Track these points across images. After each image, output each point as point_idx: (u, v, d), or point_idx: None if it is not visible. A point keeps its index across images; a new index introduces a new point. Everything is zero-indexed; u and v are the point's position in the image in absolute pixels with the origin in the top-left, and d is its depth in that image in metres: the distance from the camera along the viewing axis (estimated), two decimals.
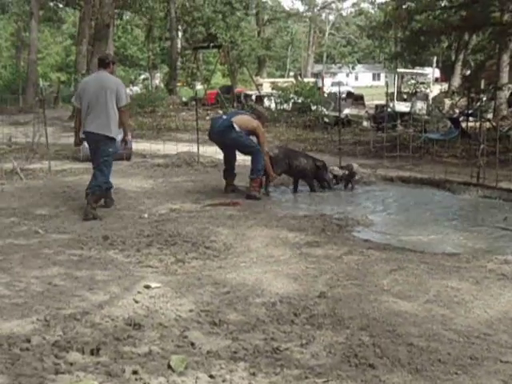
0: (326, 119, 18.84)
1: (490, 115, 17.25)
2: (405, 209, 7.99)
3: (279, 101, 22.22)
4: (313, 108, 20.39)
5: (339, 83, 22.66)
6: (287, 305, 4.09)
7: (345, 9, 70.82)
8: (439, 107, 19.50)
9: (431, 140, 13.05)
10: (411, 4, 20.36)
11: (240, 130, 8.28)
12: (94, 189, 7.00)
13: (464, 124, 14.84)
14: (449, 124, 15.27)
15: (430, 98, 22.30)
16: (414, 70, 29.62)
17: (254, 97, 25.59)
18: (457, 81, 28.65)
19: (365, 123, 19.40)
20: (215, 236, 5.94)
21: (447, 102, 21.41)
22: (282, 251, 5.45)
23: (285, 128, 17.76)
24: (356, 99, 24.89)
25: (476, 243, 6.14)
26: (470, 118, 15.02)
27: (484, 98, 17.72)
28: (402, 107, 20.70)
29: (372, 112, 21.05)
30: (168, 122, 19.26)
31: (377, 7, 48.07)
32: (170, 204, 7.63)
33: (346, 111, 20.41)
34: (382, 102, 22.23)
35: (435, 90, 26.01)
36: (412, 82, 25.17)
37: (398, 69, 29.99)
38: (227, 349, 3.41)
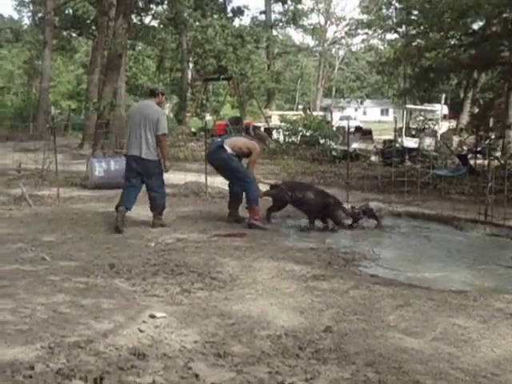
0: (334, 153, 18.90)
1: (499, 153, 17.26)
2: (412, 245, 7.95)
3: (288, 133, 22.35)
4: (321, 141, 20.48)
5: (348, 117, 22.79)
6: (292, 338, 4.06)
7: (354, 44, 71.28)
8: (447, 144, 19.53)
9: (439, 176, 13.05)
10: (421, 41, 20.53)
11: (232, 152, 8.37)
12: (158, 209, 8.08)
13: (472, 161, 14.85)
14: (457, 161, 15.29)
15: (439, 135, 22.34)
16: (423, 107, 29.76)
17: (263, 129, 25.72)
18: (465, 118, 28.78)
19: (373, 158, 19.43)
20: (221, 267, 5.93)
21: (455, 139, 21.46)
22: (288, 284, 5.43)
23: (293, 160, 17.82)
24: (364, 134, 24.92)
25: (483, 281, 6.10)
26: (479, 156, 15.04)
27: (492, 136, 17.75)
28: (411, 143, 20.75)
29: (380, 147, 21.10)
30: (176, 152, 19.36)
31: (386, 44, 48.50)
32: (177, 234, 7.63)
33: (355, 145, 20.47)
34: (391, 137, 22.30)
35: (443, 127, 26.07)
36: (420, 118, 25.28)
37: (407, 105, 30.13)
38: (231, 381, 3.38)
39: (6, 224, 8.02)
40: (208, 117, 33.39)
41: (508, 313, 4.77)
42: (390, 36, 43.78)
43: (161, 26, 38.19)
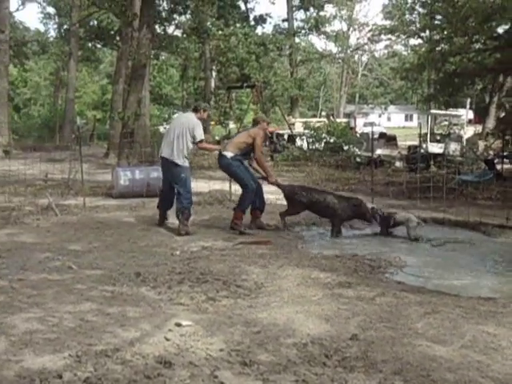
0: (359, 159, 18.83)
1: None
2: (439, 251, 7.86)
3: (311, 140, 22.33)
4: (345, 148, 20.42)
5: (372, 123, 22.69)
6: (319, 346, 4.03)
7: (378, 50, 71.03)
8: (473, 149, 19.34)
9: (465, 182, 12.92)
10: (445, 46, 20.38)
11: (234, 155, 8.47)
12: (181, 210, 8.27)
13: (499, 166, 14.67)
14: (483, 166, 15.13)
15: (464, 140, 22.14)
16: (448, 112, 29.52)
17: (286, 136, 25.74)
18: (491, 123, 28.42)
19: (397, 164, 19.33)
20: (246, 275, 5.93)
21: (481, 144, 21.23)
22: (314, 291, 5.40)
23: (317, 167, 17.78)
24: (389, 140, 24.83)
25: None
26: (505, 160, 14.86)
27: None
28: (435, 148, 20.60)
29: (405, 153, 20.97)
30: (200, 160, 19.45)
31: (410, 49, 48.23)
32: (202, 242, 7.65)
33: (379, 151, 20.38)
34: (415, 143, 22.15)
35: (469, 132, 25.84)
36: (445, 124, 25.08)
37: (432, 110, 29.94)
38: None
39: (34, 233, 8.11)
40: (231, 125, 33.52)
41: None
42: (414, 41, 43.55)
43: (184, 36, 38.48)
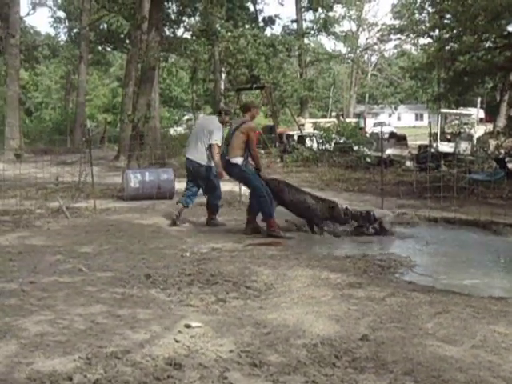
0: (368, 159, 18.78)
1: None
2: (449, 251, 7.83)
3: (321, 141, 22.30)
4: (355, 148, 20.38)
5: (381, 123, 22.64)
6: (329, 347, 4.02)
7: (387, 50, 70.82)
8: (484, 148, 19.24)
9: (476, 181, 12.85)
10: (454, 45, 20.33)
11: (242, 160, 8.33)
12: (212, 209, 9.14)
13: (510, 165, 14.58)
14: (494, 165, 15.04)
15: (475, 139, 22.03)
16: (458, 111, 29.39)
17: (296, 137, 25.72)
18: (502, 121, 28.28)
19: (408, 163, 19.25)
20: (256, 276, 5.93)
21: (492, 143, 21.11)
22: (324, 292, 5.39)
23: (327, 168, 17.76)
24: (399, 139, 24.72)
25: None
26: None
27: None
28: (446, 147, 20.50)
29: (415, 152, 20.90)
30: None
31: (419, 48, 48.04)
32: (212, 243, 7.66)
33: (389, 151, 20.32)
34: (425, 143, 22.06)
35: (480, 131, 25.71)
36: (456, 123, 24.96)
37: (442, 109, 29.80)
38: None
39: (45, 236, 8.16)
40: None
41: None
42: (423, 40, 43.33)
43: (193, 38, 38.57)
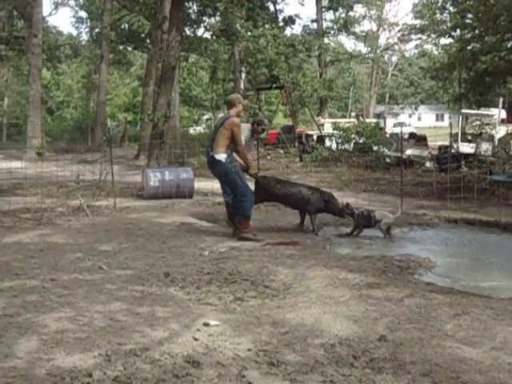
0: (388, 160, 18.70)
1: None
2: (469, 252, 7.78)
3: (340, 141, 22.25)
4: (374, 148, 20.30)
5: (401, 124, 22.52)
6: (347, 347, 4.02)
7: (408, 50, 70.46)
8: (506, 148, 19.04)
9: (497, 182, 12.73)
10: (476, 45, 20.14)
11: (226, 157, 8.06)
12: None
13: None
14: None
15: (496, 140, 21.80)
16: (479, 111, 29.11)
17: (316, 137, 25.68)
18: None
19: (428, 164, 19.14)
20: (274, 275, 5.93)
21: None
22: (342, 292, 5.38)
23: (346, 168, 17.72)
24: (419, 140, 24.55)
25: None
26: None
27: None
28: (467, 148, 20.32)
29: (435, 153, 20.76)
30: None
31: (440, 48, 47.65)
32: (230, 242, 7.68)
33: (409, 152, 20.21)
34: (446, 143, 21.90)
35: (501, 132, 25.43)
36: (477, 123, 24.73)
37: (463, 110, 29.55)
38: None
39: (66, 234, 8.24)
40: None
41: None
42: (444, 40, 42.98)
43: (213, 38, 38.67)
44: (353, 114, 55.96)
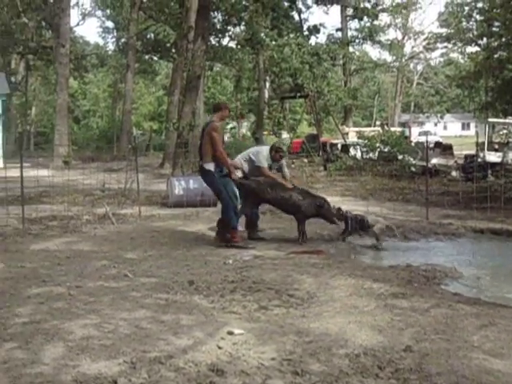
0: (413, 169, 18.56)
1: None
2: (496, 262, 7.68)
3: (365, 150, 22.15)
4: (399, 157, 20.16)
5: (427, 133, 22.35)
6: (371, 357, 3.99)
7: (433, 59, 70.12)
8: None
9: None
10: (503, 53, 19.95)
11: (215, 166, 7.98)
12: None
13: None
14: None
15: None
16: (506, 120, 28.77)
17: (340, 146, 25.60)
18: None
19: (454, 173, 18.95)
20: (299, 284, 5.92)
21: None
22: (367, 302, 5.35)
23: (370, 177, 17.62)
24: (444, 149, 24.34)
25: None
26: None
27: None
28: (493, 157, 20.08)
29: (461, 162, 20.56)
30: None
31: (467, 57, 47.30)
32: (254, 251, 7.68)
33: (434, 161, 20.03)
34: (472, 152, 21.67)
35: None
36: (504, 132, 24.44)
37: (489, 118, 29.24)
38: None
39: (91, 242, 8.32)
40: (285, 135, 33.56)
41: None
42: (471, 49, 42.71)
43: (238, 47, 38.85)
44: (377, 123, 55.74)
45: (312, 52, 37.85)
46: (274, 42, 36.80)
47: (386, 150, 20.90)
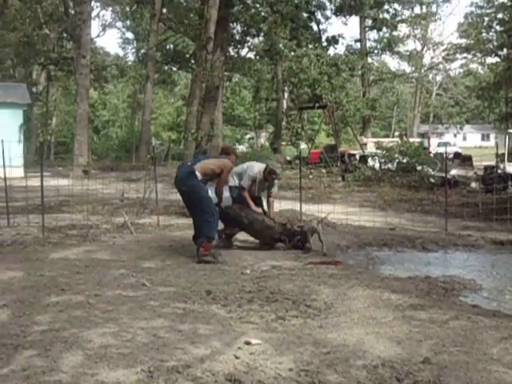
0: (432, 179, 18.47)
1: None
2: None
3: (383, 160, 22.10)
4: (418, 168, 20.08)
5: (446, 143, 22.24)
6: (389, 369, 3.96)
7: (453, 69, 69.76)
8: None
9: None
10: None
11: (202, 179, 7.88)
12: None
13: None
14: None
15: None
16: None
17: (358, 156, 25.56)
18: None
19: (473, 184, 18.84)
20: (316, 295, 5.90)
21: None
22: (385, 313, 5.32)
23: (389, 188, 17.56)
24: (464, 160, 24.22)
25: None
26: None
27: None
28: None
29: (481, 173, 20.42)
30: None
31: (486, 67, 47.05)
32: (272, 261, 7.67)
33: (453, 172, 19.93)
34: (492, 163, 21.52)
35: None
36: None
37: (510, 129, 29.04)
38: None
39: (110, 251, 8.37)
40: (303, 145, 33.60)
41: None
42: (490, 59, 42.46)
43: (257, 58, 39.02)
44: (396, 134, 55.55)
45: (331, 63, 37.95)
46: (293, 53, 36.95)
47: (405, 161, 20.83)
